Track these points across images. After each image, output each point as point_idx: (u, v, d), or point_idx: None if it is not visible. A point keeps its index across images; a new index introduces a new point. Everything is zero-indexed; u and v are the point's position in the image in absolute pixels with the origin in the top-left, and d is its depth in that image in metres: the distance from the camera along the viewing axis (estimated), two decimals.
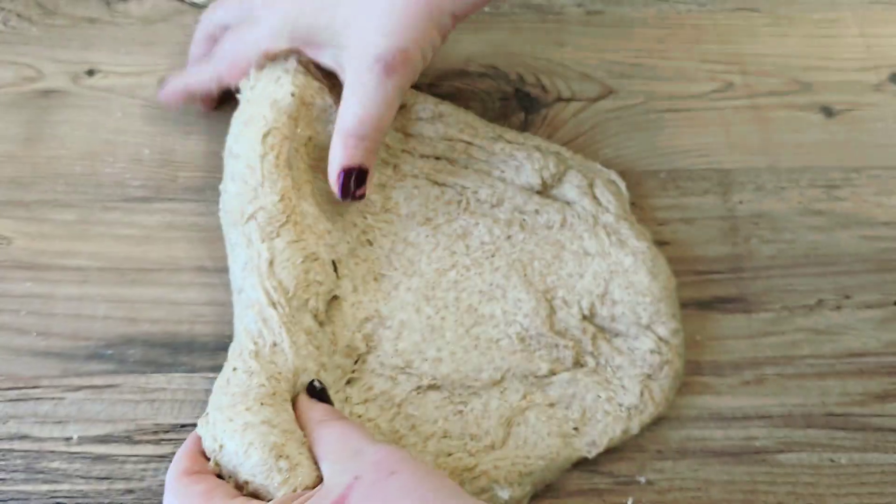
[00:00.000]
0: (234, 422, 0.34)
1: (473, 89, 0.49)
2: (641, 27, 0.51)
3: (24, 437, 0.40)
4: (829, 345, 0.43)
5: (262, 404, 0.35)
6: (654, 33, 0.51)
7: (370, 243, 0.42)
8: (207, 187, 0.46)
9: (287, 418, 0.35)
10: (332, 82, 0.43)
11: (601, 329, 0.42)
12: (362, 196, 0.41)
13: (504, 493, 0.38)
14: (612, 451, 0.41)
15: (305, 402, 0.36)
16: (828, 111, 0.49)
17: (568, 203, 0.44)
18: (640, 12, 0.52)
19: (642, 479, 0.40)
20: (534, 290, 0.42)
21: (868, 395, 0.42)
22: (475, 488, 0.38)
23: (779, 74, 0.50)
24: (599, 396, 0.40)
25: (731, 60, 0.50)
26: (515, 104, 0.49)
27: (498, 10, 0.52)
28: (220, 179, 0.46)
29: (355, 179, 0.40)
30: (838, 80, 0.50)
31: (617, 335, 0.42)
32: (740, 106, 0.49)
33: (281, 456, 0.33)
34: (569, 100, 0.49)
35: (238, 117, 0.42)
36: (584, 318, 0.42)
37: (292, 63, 0.43)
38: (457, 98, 0.48)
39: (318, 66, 0.43)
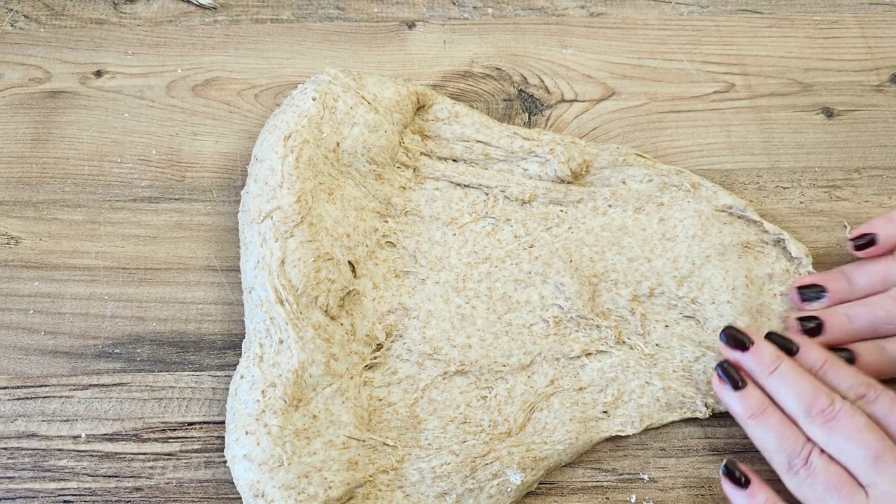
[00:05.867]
0: (230, 449, 0.38)
1: (477, 90, 0.49)
2: (643, 29, 0.52)
3: (32, 436, 0.40)
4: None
5: (246, 433, 0.37)
6: (656, 35, 0.51)
7: (392, 245, 0.43)
8: (214, 187, 0.46)
9: (266, 445, 0.37)
10: (361, 83, 0.44)
11: (657, 311, 0.43)
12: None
13: (517, 478, 0.39)
14: (616, 449, 0.41)
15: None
16: (829, 112, 0.50)
17: (614, 189, 0.45)
18: (642, 14, 0.52)
19: (645, 477, 0.41)
20: (579, 275, 0.42)
21: None
22: (488, 474, 0.38)
23: (780, 76, 0.50)
24: (648, 383, 0.41)
25: (732, 62, 0.51)
26: (519, 105, 0.49)
27: (501, 12, 0.52)
28: (226, 179, 0.46)
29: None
30: (839, 81, 0.50)
31: (691, 317, 0.43)
32: (741, 107, 0.49)
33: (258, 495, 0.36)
34: (572, 101, 0.49)
35: (264, 128, 0.43)
36: (635, 298, 0.42)
37: (324, 74, 0.44)
38: (461, 99, 0.49)
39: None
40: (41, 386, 0.41)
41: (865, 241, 0.42)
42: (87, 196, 0.46)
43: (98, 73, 0.49)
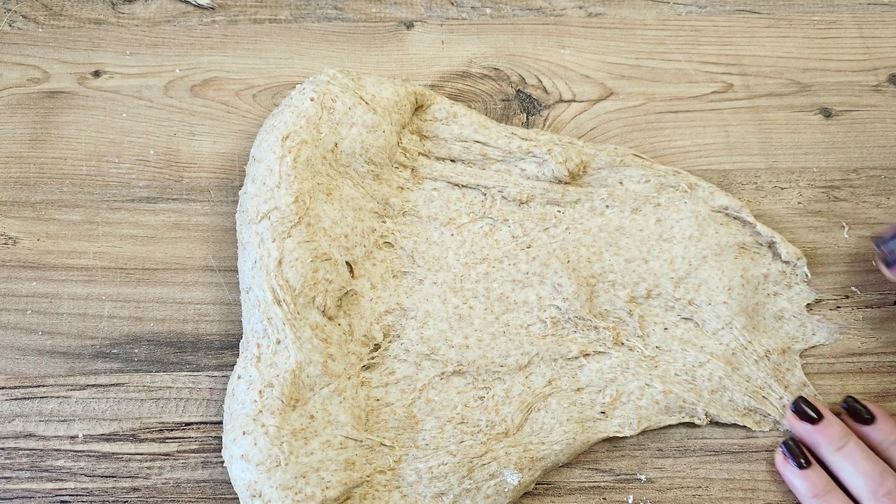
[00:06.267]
0: (228, 449, 0.38)
1: (475, 91, 0.49)
2: (642, 29, 0.52)
3: (29, 436, 0.40)
4: (828, 345, 0.44)
5: (243, 434, 0.37)
6: (655, 35, 0.51)
7: (390, 245, 0.43)
8: (212, 187, 0.46)
9: (264, 445, 0.37)
10: (360, 83, 0.44)
11: (654, 312, 0.43)
12: None
13: (514, 478, 0.39)
14: (613, 449, 0.41)
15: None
16: (826, 112, 0.50)
17: (611, 189, 0.45)
18: (640, 14, 0.52)
19: (643, 477, 0.41)
20: (576, 276, 0.42)
21: (868, 395, 0.42)
22: (485, 474, 0.38)
23: (778, 76, 0.50)
24: (648, 385, 0.41)
25: (730, 62, 0.51)
26: (517, 105, 0.49)
27: (499, 12, 0.52)
28: (224, 180, 0.46)
29: None
30: (837, 81, 0.50)
31: (689, 319, 0.43)
32: (739, 107, 0.49)
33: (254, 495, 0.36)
34: (570, 101, 0.49)
35: (262, 128, 0.43)
36: (633, 299, 0.42)
37: (323, 74, 0.44)
38: (459, 100, 0.49)
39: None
40: (38, 386, 0.41)
41: None
42: (85, 196, 0.46)
43: (96, 74, 0.49)
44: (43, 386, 0.41)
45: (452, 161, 0.46)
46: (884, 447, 0.39)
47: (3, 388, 0.41)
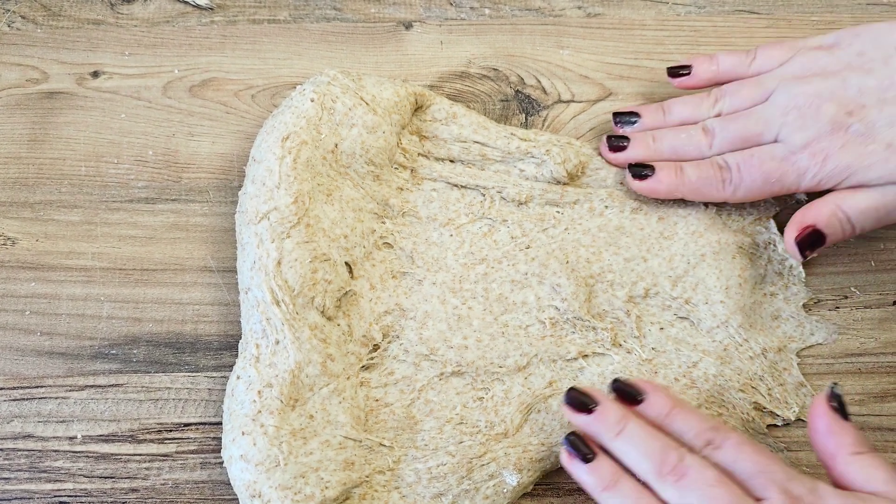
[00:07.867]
0: (227, 450, 0.38)
1: (474, 91, 0.49)
2: (641, 29, 0.52)
3: (28, 437, 0.40)
4: (827, 345, 0.44)
5: (242, 434, 0.37)
6: (654, 35, 0.51)
7: (389, 246, 0.43)
8: (211, 188, 0.46)
9: (263, 445, 0.37)
10: (360, 84, 0.44)
11: (653, 312, 0.43)
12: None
13: (513, 479, 0.39)
14: None
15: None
16: None
17: (610, 190, 0.45)
18: (639, 14, 0.52)
19: None
20: (575, 276, 0.42)
21: (866, 395, 0.43)
22: (484, 475, 0.38)
23: None
24: None
25: None
26: (516, 106, 0.49)
27: (498, 12, 0.52)
28: (223, 180, 0.46)
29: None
30: None
31: (685, 318, 0.43)
32: None
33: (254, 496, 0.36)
34: (569, 101, 0.49)
35: (262, 129, 0.43)
36: (631, 299, 0.43)
37: (323, 75, 0.44)
38: (458, 100, 0.49)
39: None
40: (37, 387, 0.41)
41: (680, 72, 0.46)
42: (84, 197, 0.46)
43: (95, 74, 0.49)
44: (41, 387, 0.41)
45: (452, 162, 0.46)
46: (661, 420, 0.36)
47: (1, 388, 0.41)
